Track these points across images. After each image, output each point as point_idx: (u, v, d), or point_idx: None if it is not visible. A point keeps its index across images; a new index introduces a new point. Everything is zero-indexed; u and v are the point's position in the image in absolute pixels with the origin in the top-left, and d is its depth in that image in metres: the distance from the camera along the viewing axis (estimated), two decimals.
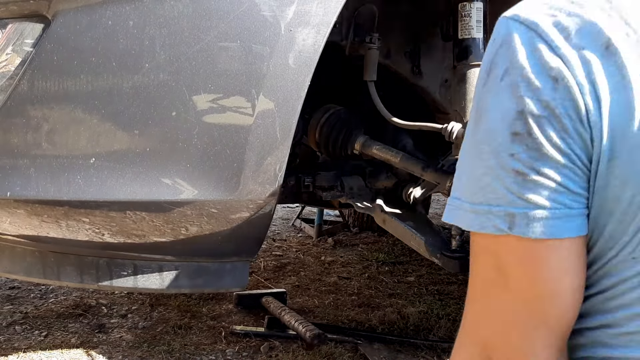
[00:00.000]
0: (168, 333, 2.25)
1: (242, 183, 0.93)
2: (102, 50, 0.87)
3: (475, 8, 1.21)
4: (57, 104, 0.88)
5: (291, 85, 0.91)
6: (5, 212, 0.95)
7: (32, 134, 0.89)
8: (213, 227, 0.97)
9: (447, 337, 2.27)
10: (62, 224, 0.95)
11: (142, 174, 0.90)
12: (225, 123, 0.91)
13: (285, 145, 0.94)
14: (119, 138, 0.89)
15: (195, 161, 0.91)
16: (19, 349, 2.09)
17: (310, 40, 0.91)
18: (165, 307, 2.49)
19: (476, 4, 1.21)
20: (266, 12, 0.89)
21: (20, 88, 0.87)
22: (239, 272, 1.10)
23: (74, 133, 0.89)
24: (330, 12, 0.93)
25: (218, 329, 2.28)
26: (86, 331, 2.25)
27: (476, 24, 1.21)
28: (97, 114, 0.88)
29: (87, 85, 0.87)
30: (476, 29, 1.21)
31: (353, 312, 2.49)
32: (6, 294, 2.62)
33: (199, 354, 2.09)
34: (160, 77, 0.87)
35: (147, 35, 0.87)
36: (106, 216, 0.93)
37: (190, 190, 0.92)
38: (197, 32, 0.88)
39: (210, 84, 0.89)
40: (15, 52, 0.91)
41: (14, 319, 2.35)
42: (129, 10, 0.86)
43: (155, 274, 1.05)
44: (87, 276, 1.05)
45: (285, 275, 3.02)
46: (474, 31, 1.22)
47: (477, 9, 1.21)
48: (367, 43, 1.28)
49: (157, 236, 0.97)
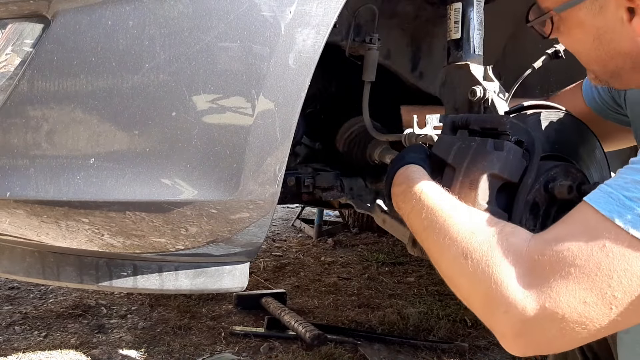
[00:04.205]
0: (167, 333, 2.25)
1: (242, 183, 0.93)
2: (101, 50, 0.86)
3: (454, 9, 1.22)
4: (57, 104, 0.88)
5: (291, 86, 0.91)
6: (5, 213, 0.95)
7: (31, 134, 0.88)
8: (213, 228, 0.97)
9: (447, 337, 2.27)
10: (61, 224, 0.95)
11: (141, 174, 0.90)
12: (225, 123, 0.91)
13: (285, 145, 0.94)
14: (119, 138, 0.89)
15: (195, 161, 0.91)
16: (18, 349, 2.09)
17: (311, 40, 0.91)
18: (164, 308, 2.48)
19: (454, 5, 1.21)
20: (266, 12, 0.89)
21: (20, 88, 0.87)
22: (238, 273, 1.10)
23: (73, 133, 0.88)
24: (331, 13, 0.92)
25: (218, 330, 2.28)
26: (86, 331, 2.25)
27: (454, 26, 1.22)
28: (96, 114, 0.88)
29: (87, 85, 0.87)
30: (454, 30, 1.22)
31: (353, 313, 2.48)
32: (6, 295, 2.62)
33: (199, 355, 2.08)
34: (160, 77, 0.87)
35: (147, 35, 0.86)
36: (106, 216, 0.93)
37: (190, 191, 0.92)
38: (197, 32, 0.87)
39: (210, 84, 0.89)
40: (15, 52, 0.91)
41: (14, 319, 2.35)
42: (129, 10, 0.86)
43: (155, 275, 1.05)
44: (87, 276, 1.05)
45: (285, 276, 3.02)
46: (452, 32, 1.23)
47: (455, 10, 1.22)
48: (367, 43, 1.28)
49: (156, 236, 0.97)
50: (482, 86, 1.18)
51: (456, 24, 1.22)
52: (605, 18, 0.83)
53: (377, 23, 1.29)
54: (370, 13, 1.29)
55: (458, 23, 1.22)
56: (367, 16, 1.29)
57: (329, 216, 4.05)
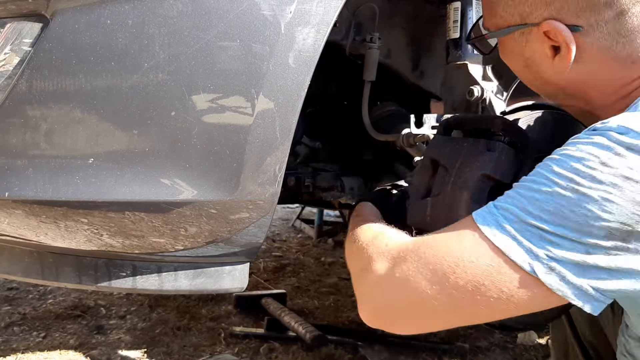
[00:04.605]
0: (167, 334, 2.24)
1: (242, 183, 0.93)
2: (100, 49, 0.86)
3: (453, 9, 1.22)
4: (56, 104, 0.88)
5: (291, 85, 0.91)
6: (4, 213, 0.94)
7: (30, 134, 0.88)
8: (212, 228, 0.97)
9: (447, 338, 2.26)
10: (60, 225, 0.94)
11: (141, 174, 0.90)
12: (225, 123, 0.90)
13: (285, 145, 0.93)
14: (118, 138, 0.89)
15: (195, 161, 0.90)
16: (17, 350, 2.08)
17: (311, 39, 0.91)
18: (164, 308, 2.48)
19: (454, 5, 1.21)
20: (266, 11, 0.88)
21: (19, 88, 0.87)
22: (238, 273, 1.09)
23: (72, 133, 0.88)
24: (331, 12, 0.92)
25: (217, 331, 2.28)
26: (85, 332, 2.25)
27: (453, 25, 1.22)
28: (95, 113, 0.87)
29: (86, 84, 0.87)
30: (453, 29, 1.22)
31: (353, 314, 2.48)
32: (4, 295, 2.61)
33: (198, 355, 2.08)
34: (160, 77, 0.87)
35: (146, 34, 0.86)
36: (105, 216, 0.93)
37: (190, 191, 0.91)
38: (196, 32, 0.87)
39: (210, 84, 0.88)
40: (13, 51, 0.90)
41: (12, 320, 2.34)
42: (128, 10, 0.86)
43: (154, 275, 1.05)
44: (86, 277, 1.05)
45: (285, 276, 3.01)
46: (451, 32, 1.22)
47: (454, 10, 1.22)
48: (367, 42, 1.28)
49: (156, 237, 0.97)
50: (480, 86, 1.18)
51: (455, 23, 1.22)
52: (532, 50, 0.87)
53: (377, 22, 1.29)
54: (370, 12, 1.28)
55: (457, 22, 1.21)
56: (368, 15, 1.29)
57: (329, 216, 4.04)
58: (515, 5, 0.86)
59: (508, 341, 2.28)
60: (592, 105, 0.88)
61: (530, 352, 2.21)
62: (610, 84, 0.83)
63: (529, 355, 2.19)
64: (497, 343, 2.27)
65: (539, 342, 2.26)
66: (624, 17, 0.79)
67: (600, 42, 0.81)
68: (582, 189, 0.68)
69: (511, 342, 2.28)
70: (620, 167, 0.67)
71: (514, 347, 2.25)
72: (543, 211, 0.69)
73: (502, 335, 2.30)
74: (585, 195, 0.67)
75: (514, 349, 2.24)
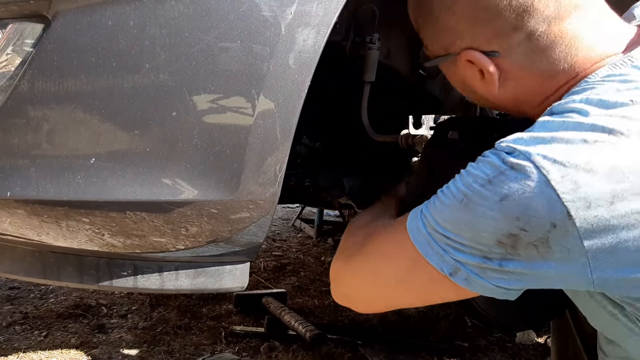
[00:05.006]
0: (168, 333, 2.25)
1: (242, 183, 0.93)
2: (102, 50, 0.87)
3: None
4: (58, 104, 0.88)
5: (291, 86, 0.91)
6: (6, 212, 0.95)
7: (32, 134, 0.89)
8: (213, 227, 0.97)
9: (446, 337, 2.27)
10: (62, 224, 0.95)
11: (142, 174, 0.90)
12: (226, 123, 0.91)
13: (286, 145, 0.94)
14: (119, 138, 0.89)
15: (196, 161, 0.91)
16: (18, 349, 2.09)
17: (311, 40, 0.91)
18: (165, 308, 2.48)
19: None
20: (266, 12, 0.89)
21: (21, 88, 0.87)
22: (239, 273, 1.10)
23: (74, 133, 0.89)
24: (331, 13, 0.93)
25: (218, 330, 2.28)
26: (86, 331, 2.26)
27: None
28: (97, 114, 0.88)
29: (87, 85, 0.87)
30: None
31: (353, 313, 2.48)
32: (6, 294, 2.62)
33: (199, 354, 2.09)
34: (161, 77, 0.87)
35: (147, 35, 0.87)
36: (106, 216, 0.93)
37: (191, 191, 0.92)
38: (197, 33, 0.87)
39: (211, 84, 0.89)
40: (15, 52, 0.91)
41: (14, 319, 2.35)
42: (129, 11, 0.86)
43: (155, 274, 1.05)
44: (87, 276, 1.05)
45: (285, 276, 3.02)
46: None
47: None
48: (367, 43, 1.28)
49: (157, 236, 0.97)
50: None
51: None
52: (464, 75, 0.94)
53: (377, 23, 1.29)
54: (370, 13, 1.29)
55: None
56: (368, 16, 1.29)
57: (329, 216, 4.04)
58: (437, 40, 0.94)
59: (507, 340, 2.29)
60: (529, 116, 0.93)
61: (528, 351, 2.22)
62: (538, 96, 0.90)
63: (528, 354, 2.20)
64: (496, 342, 2.28)
65: (538, 341, 2.27)
66: (534, 36, 0.85)
67: (520, 61, 0.87)
68: (471, 205, 0.76)
69: (510, 341, 2.29)
70: (502, 186, 0.74)
71: (512, 346, 2.26)
72: (446, 221, 0.79)
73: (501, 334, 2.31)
74: (474, 211, 0.76)
75: (512, 348, 2.25)
